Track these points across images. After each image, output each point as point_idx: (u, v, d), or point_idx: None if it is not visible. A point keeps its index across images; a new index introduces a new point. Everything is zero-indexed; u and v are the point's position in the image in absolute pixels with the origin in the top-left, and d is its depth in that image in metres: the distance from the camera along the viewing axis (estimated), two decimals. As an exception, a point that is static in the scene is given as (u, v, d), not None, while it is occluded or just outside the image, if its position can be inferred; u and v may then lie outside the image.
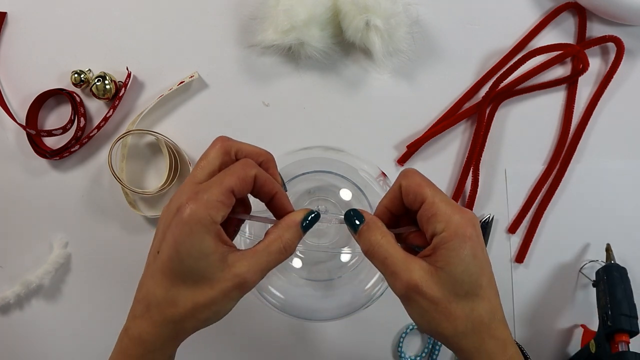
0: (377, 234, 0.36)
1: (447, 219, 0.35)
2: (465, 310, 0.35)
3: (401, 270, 0.35)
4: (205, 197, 0.34)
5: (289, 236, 0.37)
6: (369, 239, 0.37)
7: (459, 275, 0.34)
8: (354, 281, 0.50)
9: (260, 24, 0.57)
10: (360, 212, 0.37)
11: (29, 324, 0.60)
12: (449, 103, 0.59)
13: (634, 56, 0.59)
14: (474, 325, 0.35)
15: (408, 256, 0.36)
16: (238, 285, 0.35)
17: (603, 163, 0.59)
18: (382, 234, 0.36)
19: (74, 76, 0.57)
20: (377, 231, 0.36)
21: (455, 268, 0.34)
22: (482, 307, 0.35)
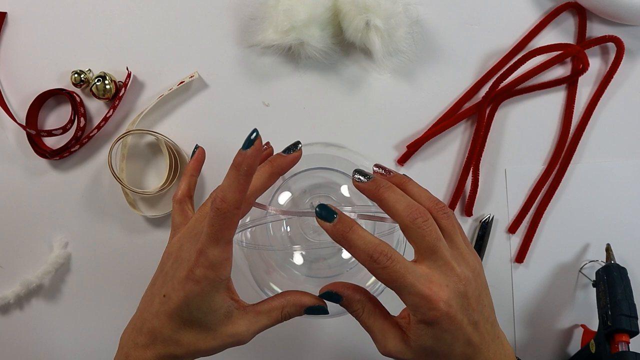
0: (355, 307, 0.39)
1: (417, 305, 0.35)
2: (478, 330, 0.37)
3: (378, 339, 0.38)
4: (212, 259, 0.36)
5: (291, 311, 0.40)
6: (350, 311, 0.40)
7: (434, 350, 0.36)
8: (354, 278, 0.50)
9: (260, 24, 0.57)
10: (336, 293, 0.39)
11: (29, 324, 0.60)
12: (449, 103, 0.59)
13: (634, 56, 0.59)
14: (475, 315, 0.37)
15: (386, 325, 0.38)
16: (236, 342, 0.39)
17: (603, 163, 0.59)
18: (361, 305, 0.39)
19: (74, 76, 0.57)
20: (355, 305, 0.39)
21: (428, 344, 0.36)
22: (486, 314, 0.38)
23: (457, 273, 0.36)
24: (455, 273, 0.36)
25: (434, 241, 0.36)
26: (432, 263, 0.36)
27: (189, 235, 0.40)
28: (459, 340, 0.36)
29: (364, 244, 0.35)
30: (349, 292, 0.39)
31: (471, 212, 0.58)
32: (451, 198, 0.58)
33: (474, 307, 0.36)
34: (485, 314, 0.37)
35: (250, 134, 0.35)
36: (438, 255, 0.36)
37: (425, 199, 0.39)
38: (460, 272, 0.36)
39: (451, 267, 0.36)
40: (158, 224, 0.59)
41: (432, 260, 0.36)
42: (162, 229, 0.59)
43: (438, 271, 0.36)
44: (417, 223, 0.36)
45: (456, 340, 0.36)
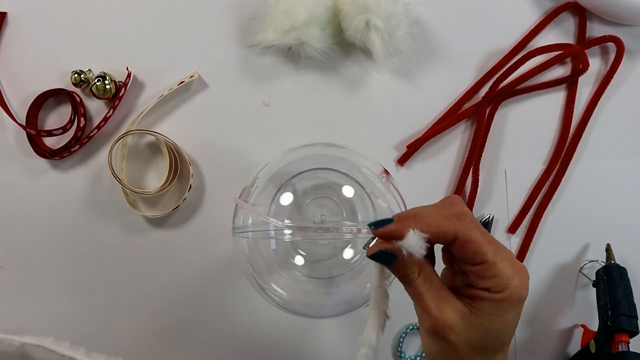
0: (411, 269, 0.34)
1: (506, 283, 0.33)
2: (483, 356, 0.34)
3: (431, 309, 0.34)
4: None
5: None
6: (401, 274, 0.35)
7: (494, 332, 0.33)
8: (356, 279, 0.50)
9: (260, 24, 0.57)
10: (392, 252, 0.33)
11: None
12: (449, 103, 0.59)
13: (634, 56, 0.59)
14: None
15: (443, 293, 0.34)
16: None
17: (603, 163, 0.59)
18: (418, 267, 0.34)
19: (74, 76, 0.57)
20: (410, 267, 0.34)
21: (493, 325, 0.33)
22: (499, 358, 0.35)
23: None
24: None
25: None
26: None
27: None
28: (515, 328, 0.34)
29: (436, 222, 0.33)
30: (404, 253, 0.33)
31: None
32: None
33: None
34: None
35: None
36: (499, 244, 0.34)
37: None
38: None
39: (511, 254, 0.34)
40: (158, 224, 0.59)
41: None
42: (162, 229, 0.59)
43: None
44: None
45: (515, 327, 0.34)
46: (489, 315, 0.33)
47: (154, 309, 0.59)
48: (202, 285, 0.59)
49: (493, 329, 0.33)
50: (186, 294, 0.59)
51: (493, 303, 0.33)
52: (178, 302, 0.59)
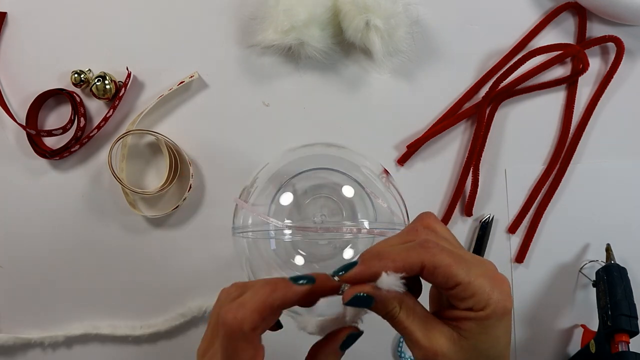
0: (391, 305, 0.33)
1: (486, 299, 0.31)
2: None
3: (420, 340, 0.33)
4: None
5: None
6: (383, 313, 0.34)
7: (484, 351, 0.33)
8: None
9: (260, 24, 0.57)
10: (368, 295, 0.32)
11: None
12: (449, 103, 0.59)
13: (634, 56, 0.59)
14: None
15: (429, 321, 0.33)
16: None
17: (603, 163, 0.59)
18: (398, 302, 0.33)
19: (74, 76, 0.57)
20: (390, 304, 0.33)
21: (483, 344, 0.32)
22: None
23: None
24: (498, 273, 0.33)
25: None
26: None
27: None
28: (508, 342, 0.33)
29: (401, 256, 0.32)
30: (382, 292, 0.32)
31: (471, 212, 0.58)
32: (451, 198, 0.58)
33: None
34: None
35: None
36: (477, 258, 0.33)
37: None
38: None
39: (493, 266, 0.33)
40: (158, 224, 0.59)
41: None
42: (162, 229, 0.59)
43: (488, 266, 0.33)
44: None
45: (507, 341, 0.33)
46: (477, 335, 0.32)
47: (154, 309, 0.59)
48: (202, 285, 0.59)
49: (484, 348, 0.33)
50: (186, 294, 0.59)
51: (478, 322, 0.32)
52: (178, 302, 0.59)
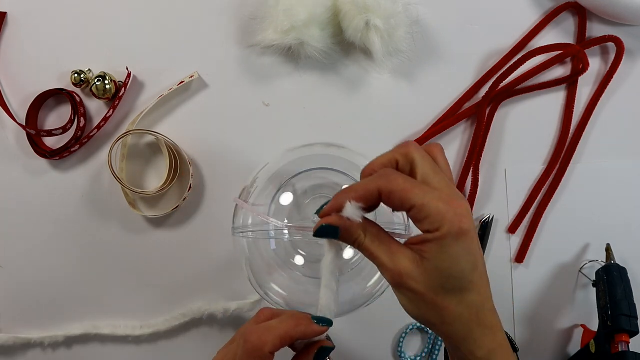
0: (356, 233, 0.36)
1: (440, 219, 0.33)
2: (452, 302, 0.35)
3: (387, 262, 0.35)
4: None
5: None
6: (351, 241, 0.36)
7: (446, 271, 0.34)
8: (356, 279, 0.50)
9: (260, 24, 0.57)
10: (331, 225, 0.35)
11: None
12: (449, 103, 0.59)
13: (634, 56, 0.59)
14: (462, 315, 0.35)
15: (393, 246, 0.36)
16: None
17: (603, 163, 0.59)
18: (362, 230, 0.36)
19: (74, 76, 0.57)
20: (355, 232, 0.36)
21: (442, 263, 0.34)
22: (470, 299, 0.35)
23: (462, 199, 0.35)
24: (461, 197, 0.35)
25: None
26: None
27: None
28: (471, 262, 0.34)
29: (362, 186, 0.35)
30: (345, 220, 0.35)
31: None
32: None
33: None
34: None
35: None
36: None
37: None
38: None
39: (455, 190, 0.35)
40: (158, 224, 0.59)
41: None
42: (162, 229, 0.59)
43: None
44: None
45: (470, 261, 0.34)
46: (437, 255, 0.34)
47: (154, 309, 0.59)
48: (202, 285, 0.59)
49: (445, 268, 0.34)
50: (186, 293, 0.59)
51: (436, 242, 0.34)
52: (178, 302, 0.59)
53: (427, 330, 0.58)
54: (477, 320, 0.36)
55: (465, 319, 0.35)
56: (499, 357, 0.37)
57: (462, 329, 0.36)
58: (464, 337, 0.36)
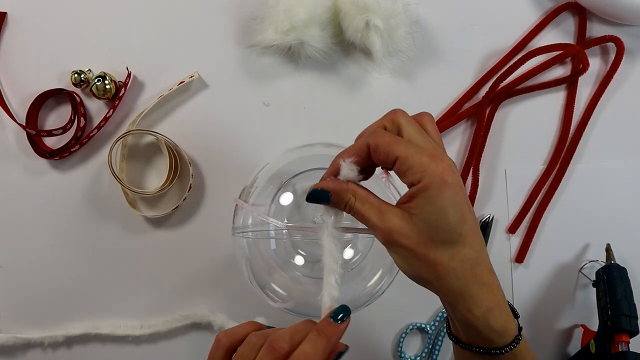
0: (346, 197, 0.37)
1: (422, 170, 0.34)
2: (444, 256, 0.35)
3: (377, 221, 0.36)
4: None
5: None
6: (342, 205, 0.37)
7: (434, 223, 0.35)
8: (356, 279, 0.50)
9: (260, 24, 0.57)
10: (322, 189, 0.37)
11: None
12: (449, 103, 0.59)
13: (634, 56, 0.59)
14: (455, 270, 0.35)
15: (382, 206, 0.36)
16: None
17: (603, 163, 0.59)
18: (352, 193, 0.37)
19: (74, 76, 0.57)
20: (345, 195, 0.37)
21: (430, 216, 0.34)
22: (463, 253, 0.35)
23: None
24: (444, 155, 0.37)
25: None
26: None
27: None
28: (458, 214, 0.35)
29: (353, 146, 0.38)
30: (335, 184, 0.37)
31: (471, 212, 0.58)
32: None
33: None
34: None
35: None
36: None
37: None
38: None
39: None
40: (158, 224, 0.59)
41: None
42: (162, 229, 0.59)
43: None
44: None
45: (457, 213, 0.35)
46: (422, 207, 0.35)
47: (154, 309, 0.59)
48: (203, 285, 0.59)
49: (432, 220, 0.35)
50: (186, 293, 0.59)
51: (420, 195, 0.34)
52: (178, 301, 0.59)
53: (427, 330, 0.58)
54: (472, 276, 0.36)
55: (460, 274, 0.35)
56: (497, 316, 0.37)
57: (458, 284, 0.36)
58: (460, 292, 0.36)
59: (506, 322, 0.37)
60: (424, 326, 0.58)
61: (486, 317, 0.36)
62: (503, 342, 0.38)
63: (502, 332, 0.37)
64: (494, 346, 0.38)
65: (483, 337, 0.37)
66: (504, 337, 0.37)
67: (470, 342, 0.39)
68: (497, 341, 0.37)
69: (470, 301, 0.36)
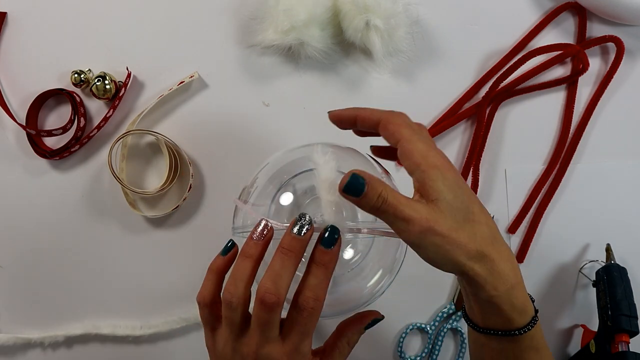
0: (380, 186, 0.36)
1: (423, 154, 0.36)
2: (469, 235, 0.36)
3: (412, 213, 0.35)
4: (305, 351, 0.38)
5: (355, 339, 0.43)
6: (374, 197, 0.36)
7: (452, 202, 0.35)
8: (356, 278, 0.50)
9: (260, 24, 0.57)
10: (363, 177, 0.35)
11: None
12: (449, 103, 0.59)
13: (634, 56, 0.59)
14: (481, 247, 0.36)
15: (410, 200, 0.36)
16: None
17: (603, 163, 0.59)
18: (384, 187, 0.36)
19: (74, 76, 0.57)
20: (379, 185, 0.36)
21: (447, 195, 0.35)
22: (482, 230, 0.36)
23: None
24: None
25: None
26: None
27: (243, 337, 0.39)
28: (466, 193, 0.36)
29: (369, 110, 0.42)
30: (371, 175, 0.35)
31: (471, 212, 0.58)
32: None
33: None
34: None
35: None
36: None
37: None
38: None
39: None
40: (158, 224, 0.59)
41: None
42: (162, 229, 0.59)
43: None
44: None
45: (464, 191, 0.36)
46: (436, 191, 0.35)
47: (154, 309, 0.59)
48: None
49: (450, 200, 0.35)
50: (186, 294, 0.59)
51: (427, 180, 0.36)
52: (178, 302, 0.59)
53: (427, 330, 0.58)
54: (497, 253, 0.36)
55: (487, 251, 0.36)
56: (520, 293, 0.38)
57: (486, 264, 0.36)
58: (489, 271, 0.36)
59: (526, 301, 0.38)
60: (424, 326, 0.58)
61: (510, 294, 0.37)
62: (523, 322, 0.38)
63: (522, 311, 0.38)
64: (513, 326, 0.38)
65: (504, 316, 0.38)
66: (524, 316, 0.38)
67: (487, 325, 0.39)
68: (517, 320, 0.38)
69: (497, 278, 0.36)
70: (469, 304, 0.40)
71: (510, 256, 0.38)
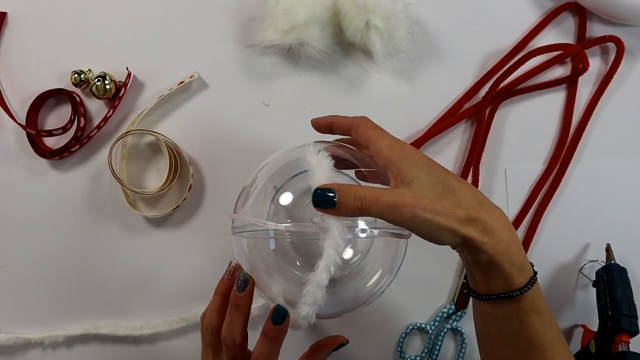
0: (353, 190, 0.38)
1: (391, 148, 0.40)
2: (453, 203, 0.38)
3: (397, 199, 0.37)
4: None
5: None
6: (351, 200, 0.38)
7: (427, 179, 0.38)
8: (356, 278, 0.50)
9: (260, 24, 0.57)
10: (329, 189, 0.38)
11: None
12: (449, 103, 0.59)
13: (634, 56, 0.59)
14: (468, 211, 0.38)
15: (388, 189, 0.39)
16: None
17: (603, 163, 0.59)
18: (357, 188, 0.38)
19: (74, 76, 0.57)
20: (352, 191, 0.37)
21: (420, 175, 0.38)
22: (465, 197, 0.39)
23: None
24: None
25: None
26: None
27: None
28: (439, 170, 0.40)
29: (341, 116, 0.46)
30: (337, 185, 0.38)
31: (471, 212, 0.58)
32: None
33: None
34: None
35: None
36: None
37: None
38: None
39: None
40: (158, 224, 0.59)
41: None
42: (162, 229, 0.59)
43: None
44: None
45: (436, 169, 0.40)
46: (410, 174, 0.39)
47: (154, 309, 0.59)
48: (202, 285, 0.59)
49: (424, 178, 0.38)
50: (186, 294, 0.59)
51: (400, 166, 0.39)
52: (178, 302, 0.59)
53: (427, 330, 0.58)
54: (486, 212, 0.38)
55: (476, 213, 0.38)
56: (517, 251, 0.39)
57: (478, 226, 0.38)
58: (483, 231, 0.38)
59: (524, 259, 0.40)
60: (424, 326, 0.58)
61: (508, 251, 0.38)
62: (523, 280, 0.39)
63: (521, 268, 0.39)
64: (513, 286, 0.39)
65: (505, 275, 0.39)
66: (522, 274, 0.39)
67: (490, 291, 0.40)
68: (516, 279, 0.39)
69: (492, 237, 0.38)
70: (472, 275, 0.42)
71: (502, 216, 0.39)
